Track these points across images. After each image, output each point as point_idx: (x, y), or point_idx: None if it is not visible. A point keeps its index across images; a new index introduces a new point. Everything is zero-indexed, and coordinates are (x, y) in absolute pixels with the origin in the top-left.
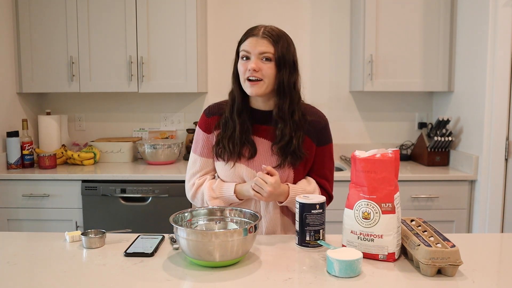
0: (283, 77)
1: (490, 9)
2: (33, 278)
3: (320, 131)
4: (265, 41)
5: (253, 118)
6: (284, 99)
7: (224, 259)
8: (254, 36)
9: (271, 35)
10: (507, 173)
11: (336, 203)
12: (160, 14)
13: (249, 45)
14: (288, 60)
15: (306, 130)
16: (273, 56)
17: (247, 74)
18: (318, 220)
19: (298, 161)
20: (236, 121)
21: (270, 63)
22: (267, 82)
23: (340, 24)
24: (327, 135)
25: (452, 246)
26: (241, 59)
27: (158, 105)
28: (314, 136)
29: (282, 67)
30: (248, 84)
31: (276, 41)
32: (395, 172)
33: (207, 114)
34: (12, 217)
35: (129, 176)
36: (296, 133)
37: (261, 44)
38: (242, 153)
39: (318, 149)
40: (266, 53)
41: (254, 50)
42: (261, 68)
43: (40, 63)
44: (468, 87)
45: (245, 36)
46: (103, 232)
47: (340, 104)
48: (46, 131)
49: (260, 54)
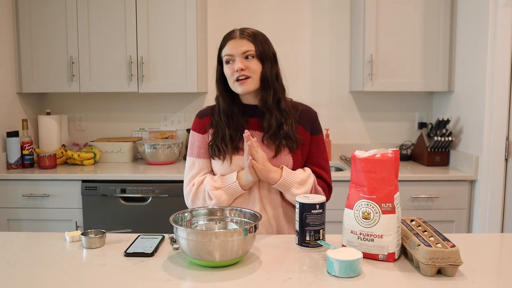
0: (266, 70)
1: (490, 9)
2: (33, 278)
3: (312, 120)
4: (244, 40)
5: (247, 113)
6: (268, 90)
7: (224, 259)
8: (233, 38)
9: (248, 35)
10: (507, 173)
11: (336, 203)
12: (160, 14)
13: (230, 48)
14: (269, 54)
15: (298, 119)
16: (254, 52)
17: (235, 75)
18: (318, 220)
19: (295, 145)
20: (225, 123)
21: (253, 60)
22: (255, 78)
23: (340, 24)
24: (319, 125)
25: (452, 246)
26: (226, 64)
27: (158, 105)
28: (307, 125)
29: (265, 61)
30: (237, 83)
31: (254, 39)
32: (395, 172)
33: (200, 116)
34: (12, 217)
35: (129, 176)
36: (286, 121)
37: (242, 44)
38: (240, 147)
39: (313, 138)
40: (249, 51)
41: (237, 51)
42: (247, 66)
43: (40, 63)
44: (468, 87)
45: (224, 41)
46: (103, 232)
47: (340, 104)
48: (46, 131)
49: (243, 53)
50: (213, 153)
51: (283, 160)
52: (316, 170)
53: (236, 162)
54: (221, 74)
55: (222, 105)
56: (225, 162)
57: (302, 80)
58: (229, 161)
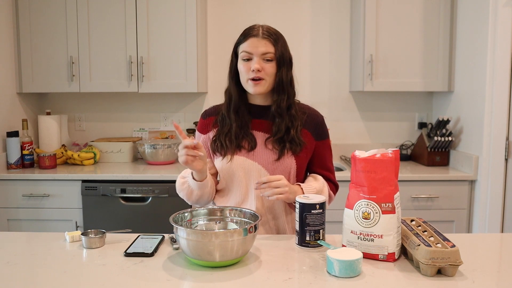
0: (282, 75)
1: (490, 9)
2: (33, 278)
3: (318, 124)
4: (266, 41)
5: (252, 113)
6: (283, 95)
7: (224, 259)
8: (254, 36)
9: (271, 35)
10: (507, 173)
11: (336, 203)
12: (160, 14)
13: (250, 46)
14: (286, 59)
15: (304, 122)
16: (274, 55)
17: (251, 74)
18: (318, 220)
19: (298, 148)
20: (232, 118)
21: (271, 63)
22: (268, 80)
23: (340, 24)
24: (325, 130)
25: (452, 246)
26: (242, 60)
27: (158, 105)
28: (312, 129)
29: (282, 65)
30: (251, 83)
31: (276, 41)
32: (395, 172)
33: (204, 116)
34: (12, 217)
35: (129, 176)
36: (293, 124)
37: (262, 45)
38: (242, 145)
39: (319, 143)
40: (268, 53)
41: (257, 51)
42: (263, 68)
43: (40, 63)
44: (468, 87)
45: (244, 37)
46: (103, 232)
47: (340, 104)
48: (46, 131)
49: (262, 54)
50: (216, 148)
51: (286, 163)
52: (325, 174)
53: (237, 161)
54: (235, 68)
55: (234, 99)
56: (225, 159)
57: (302, 80)
58: (230, 158)
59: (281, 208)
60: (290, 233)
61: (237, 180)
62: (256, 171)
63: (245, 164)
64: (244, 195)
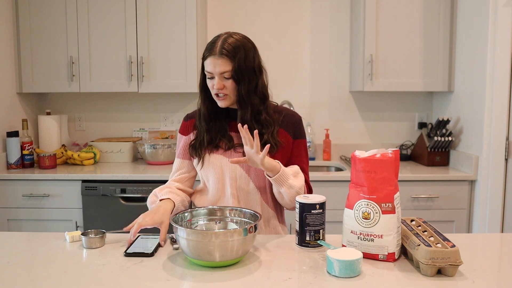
0: (242, 90)
1: (490, 9)
2: (33, 278)
3: (295, 124)
4: (222, 59)
5: (230, 115)
6: (246, 109)
7: (224, 259)
8: (212, 56)
9: (228, 52)
10: (507, 173)
11: (336, 203)
12: (160, 14)
13: (210, 65)
14: (246, 71)
15: (280, 123)
16: (230, 74)
17: (214, 91)
18: (318, 220)
19: (274, 149)
20: (203, 127)
21: (230, 80)
22: (232, 95)
23: (340, 24)
24: (302, 130)
25: (452, 246)
26: (207, 77)
27: (158, 105)
28: (290, 129)
29: (241, 80)
30: (217, 98)
31: (233, 56)
32: (395, 172)
33: (185, 119)
34: (12, 217)
35: (129, 176)
36: (267, 129)
37: (219, 65)
38: (220, 145)
39: (295, 142)
40: (226, 72)
41: (215, 70)
42: (225, 86)
43: (40, 63)
44: (468, 87)
45: (205, 55)
46: (103, 232)
47: (340, 104)
48: (46, 131)
49: (220, 74)
50: (191, 152)
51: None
52: None
53: (214, 159)
54: (204, 81)
55: (203, 111)
56: (199, 164)
57: (302, 80)
58: (202, 164)
59: (257, 202)
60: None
61: (213, 178)
62: (231, 171)
63: (221, 162)
64: (220, 192)
